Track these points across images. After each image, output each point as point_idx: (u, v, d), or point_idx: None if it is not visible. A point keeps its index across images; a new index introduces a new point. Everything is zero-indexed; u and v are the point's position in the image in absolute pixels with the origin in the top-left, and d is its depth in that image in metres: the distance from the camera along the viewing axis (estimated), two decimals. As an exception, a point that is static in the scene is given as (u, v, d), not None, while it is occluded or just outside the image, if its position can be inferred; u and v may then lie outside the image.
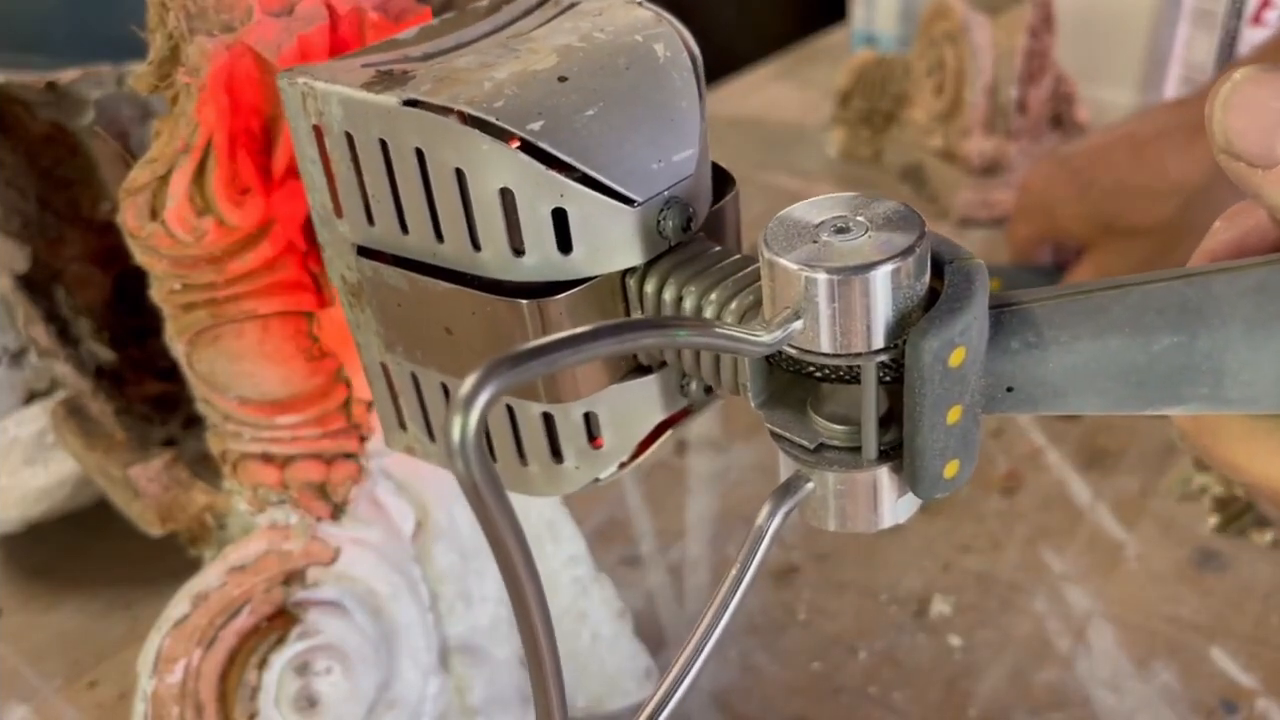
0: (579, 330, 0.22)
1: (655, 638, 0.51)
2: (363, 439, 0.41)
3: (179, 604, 0.41)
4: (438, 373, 0.34)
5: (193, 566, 0.43)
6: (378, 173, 0.31)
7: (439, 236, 0.31)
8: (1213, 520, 0.56)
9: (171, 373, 0.43)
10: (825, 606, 0.53)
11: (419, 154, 0.30)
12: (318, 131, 0.32)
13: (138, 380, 0.50)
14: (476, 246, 0.31)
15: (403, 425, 0.37)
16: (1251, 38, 0.85)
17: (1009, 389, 0.27)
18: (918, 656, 0.50)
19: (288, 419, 0.40)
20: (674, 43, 0.32)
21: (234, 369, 0.39)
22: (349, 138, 0.31)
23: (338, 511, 0.41)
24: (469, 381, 0.20)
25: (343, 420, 0.40)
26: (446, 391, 0.35)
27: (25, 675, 0.52)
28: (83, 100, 0.50)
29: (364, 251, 0.34)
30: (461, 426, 0.20)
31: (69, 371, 0.48)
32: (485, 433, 0.34)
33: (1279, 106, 0.26)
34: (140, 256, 0.37)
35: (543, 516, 0.46)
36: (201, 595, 0.41)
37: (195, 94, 0.34)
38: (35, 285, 0.49)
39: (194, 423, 0.47)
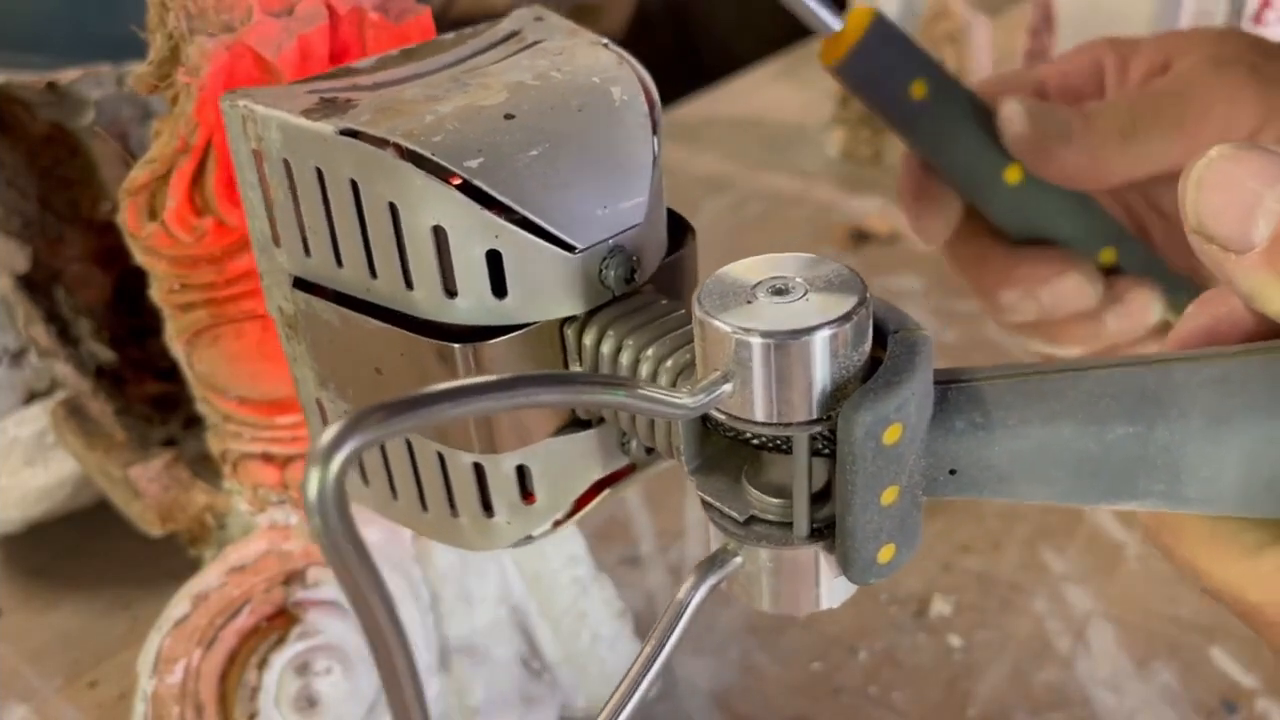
0: (466, 382, 0.20)
1: (655, 638, 0.51)
2: (363, 439, 0.41)
3: (179, 604, 0.41)
4: None
5: (193, 566, 0.43)
6: (314, 202, 0.30)
7: (373, 272, 0.30)
8: (1213, 520, 0.56)
9: (171, 373, 0.44)
10: (825, 606, 0.53)
11: (354, 185, 0.29)
12: (257, 156, 0.31)
13: (138, 380, 0.50)
14: (409, 285, 0.29)
15: None
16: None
17: (952, 471, 0.26)
18: (918, 656, 0.50)
19: (288, 419, 0.40)
20: (632, 86, 0.31)
21: (234, 369, 0.39)
22: (286, 165, 0.30)
23: (338, 511, 0.41)
24: (330, 432, 0.19)
25: (343, 420, 0.40)
26: None
27: (25, 675, 0.52)
28: (83, 100, 0.50)
29: (300, 283, 0.33)
30: (320, 482, 0.18)
31: (69, 371, 0.48)
32: (416, 480, 0.33)
33: (1255, 186, 0.24)
34: (140, 256, 0.37)
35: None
36: (201, 595, 0.41)
37: (195, 94, 0.34)
38: (35, 285, 0.49)
39: (194, 423, 0.47)
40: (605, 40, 0.33)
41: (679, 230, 0.33)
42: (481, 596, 0.44)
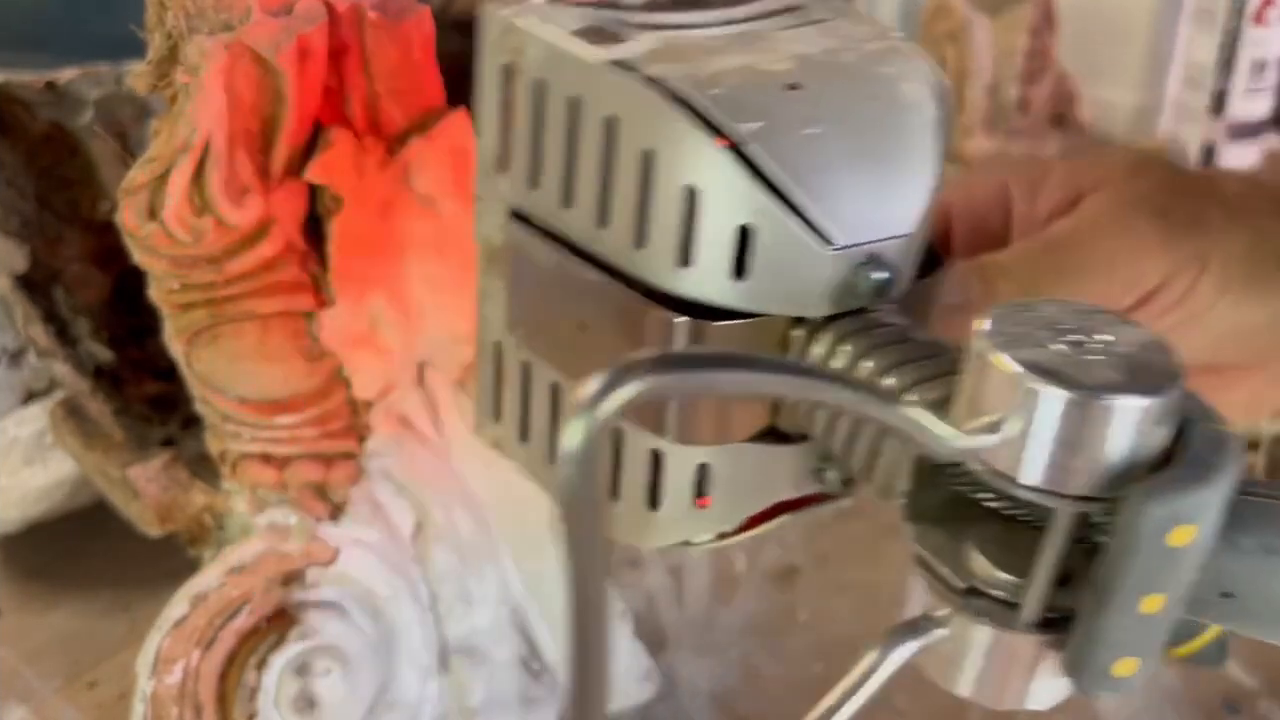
0: (758, 355, 0.18)
1: (655, 638, 0.51)
2: (361, 439, 0.41)
3: (178, 604, 0.41)
4: (553, 370, 0.30)
5: (191, 567, 0.43)
6: (558, 133, 0.28)
7: (603, 220, 0.27)
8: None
9: (171, 373, 0.43)
10: (827, 607, 0.53)
11: (609, 124, 0.26)
12: (508, 71, 0.29)
13: (136, 380, 0.50)
14: (640, 243, 0.27)
15: (497, 416, 0.33)
16: (1253, 37, 0.85)
17: (1226, 594, 0.22)
18: (919, 657, 0.50)
19: (287, 419, 0.40)
20: (924, 90, 0.28)
21: (233, 369, 0.39)
22: (540, 86, 0.28)
23: (337, 512, 0.41)
24: (600, 379, 0.17)
25: (342, 420, 0.40)
26: (555, 394, 0.31)
27: (25, 675, 0.52)
28: (82, 100, 0.50)
29: (517, 216, 0.30)
30: (585, 430, 0.17)
31: (68, 371, 0.48)
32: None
33: None
34: (139, 256, 0.37)
35: (544, 517, 0.46)
36: (200, 596, 0.41)
37: (194, 93, 0.34)
38: (34, 285, 0.49)
39: (193, 423, 0.47)
40: (901, 34, 0.30)
41: (930, 256, 0.30)
42: (481, 597, 0.44)
